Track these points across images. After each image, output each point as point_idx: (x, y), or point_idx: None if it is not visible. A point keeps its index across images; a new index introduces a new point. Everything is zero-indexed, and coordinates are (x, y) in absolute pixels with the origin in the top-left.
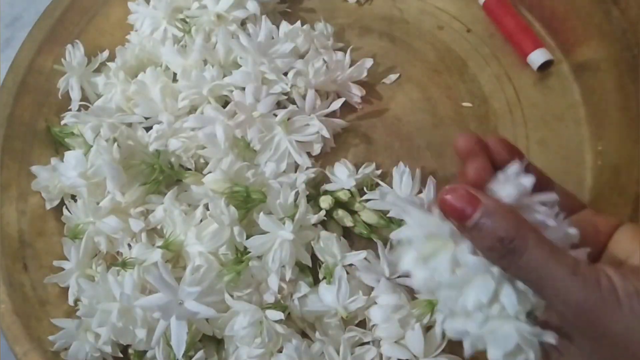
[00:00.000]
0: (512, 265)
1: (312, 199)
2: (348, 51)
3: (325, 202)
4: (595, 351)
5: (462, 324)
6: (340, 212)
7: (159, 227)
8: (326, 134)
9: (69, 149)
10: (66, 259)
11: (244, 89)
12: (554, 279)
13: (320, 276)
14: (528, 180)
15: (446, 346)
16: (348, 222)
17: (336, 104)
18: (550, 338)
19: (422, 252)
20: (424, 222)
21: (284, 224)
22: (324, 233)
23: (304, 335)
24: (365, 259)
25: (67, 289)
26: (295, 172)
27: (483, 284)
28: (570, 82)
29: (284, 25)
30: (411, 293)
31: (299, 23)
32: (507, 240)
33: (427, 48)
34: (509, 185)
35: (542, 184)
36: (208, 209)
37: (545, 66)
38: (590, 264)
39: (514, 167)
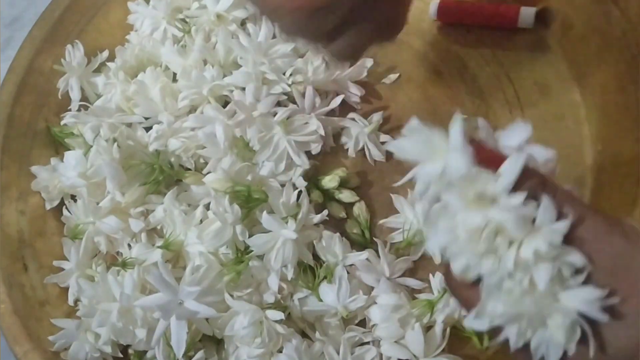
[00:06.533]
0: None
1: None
2: None
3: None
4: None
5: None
6: (335, 205)
7: (159, 227)
8: (322, 132)
9: (69, 149)
10: (66, 259)
11: (244, 89)
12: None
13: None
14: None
15: (446, 346)
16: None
17: (335, 102)
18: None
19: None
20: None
21: (286, 223)
22: (326, 233)
23: (304, 335)
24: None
25: (67, 289)
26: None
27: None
28: (570, 82)
29: None
30: (411, 293)
31: None
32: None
33: (427, 48)
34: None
35: None
36: (208, 209)
37: (542, 20)
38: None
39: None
